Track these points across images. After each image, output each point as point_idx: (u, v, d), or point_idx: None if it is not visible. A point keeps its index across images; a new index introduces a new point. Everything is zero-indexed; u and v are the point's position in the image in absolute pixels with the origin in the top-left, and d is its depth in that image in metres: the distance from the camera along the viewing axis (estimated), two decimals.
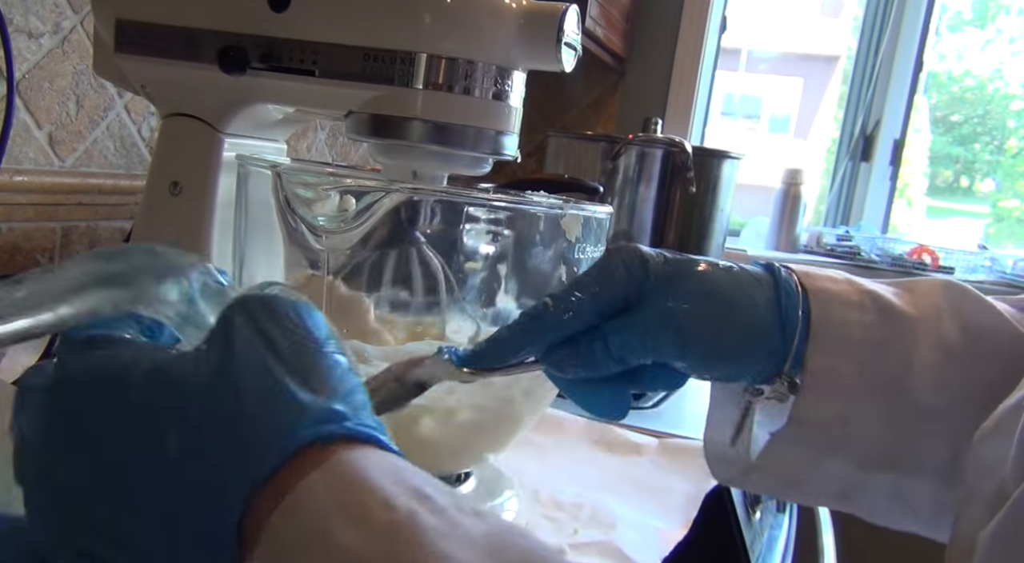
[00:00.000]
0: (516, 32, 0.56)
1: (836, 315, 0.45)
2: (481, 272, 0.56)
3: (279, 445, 0.25)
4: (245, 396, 0.26)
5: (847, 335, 0.44)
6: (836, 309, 0.45)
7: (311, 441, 0.26)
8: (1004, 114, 2.80)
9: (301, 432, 0.25)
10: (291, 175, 0.51)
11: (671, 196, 1.21)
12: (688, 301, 0.42)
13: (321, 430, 0.26)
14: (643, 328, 0.42)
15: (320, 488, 0.25)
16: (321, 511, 0.24)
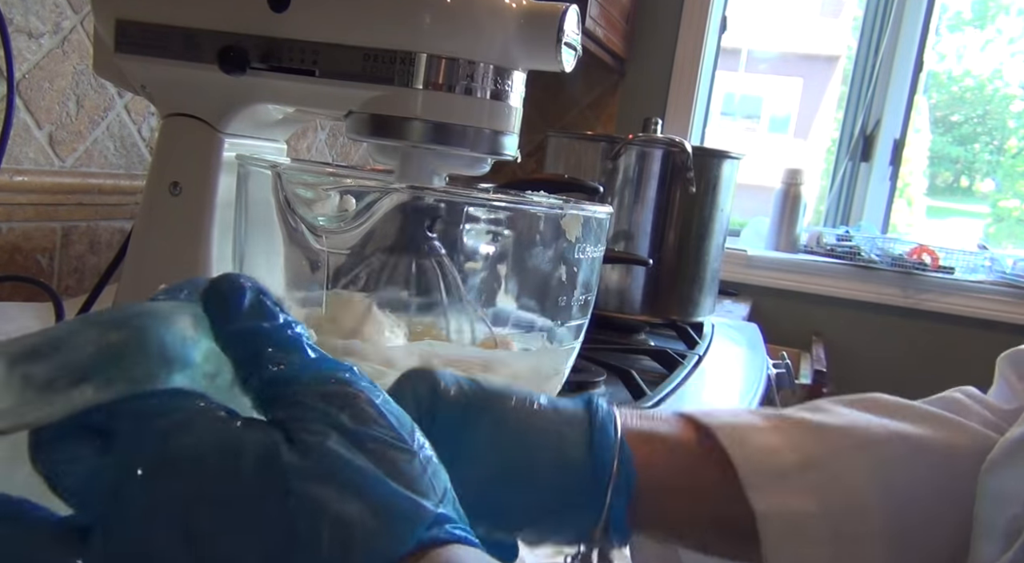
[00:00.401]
0: (516, 32, 0.56)
1: (755, 441, 0.40)
2: (481, 272, 0.56)
3: (387, 551, 0.25)
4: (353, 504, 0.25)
5: (778, 459, 0.40)
6: (752, 436, 0.40)
7: (421, 545, 0.26)
8: (1004, 114, 2.80)
9: (404, 538, 0.25)
10: (291, 175, 0.51)
11: (671, 196, 1.21)
12: (473, 451, 0.36)
13: (431, 535, 0.26)
14: None
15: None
16: None
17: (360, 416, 0.27)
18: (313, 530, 0.25)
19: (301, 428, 0.26)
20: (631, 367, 0.94)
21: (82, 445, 0.27)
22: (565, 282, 0.56)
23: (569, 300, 0.57)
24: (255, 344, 0.28)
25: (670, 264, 1.23)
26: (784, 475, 0.39)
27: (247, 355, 0.28)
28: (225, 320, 0.29)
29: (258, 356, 0.28)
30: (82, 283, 0.96)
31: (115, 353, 0.26)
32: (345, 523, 0.25)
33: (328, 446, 0.26)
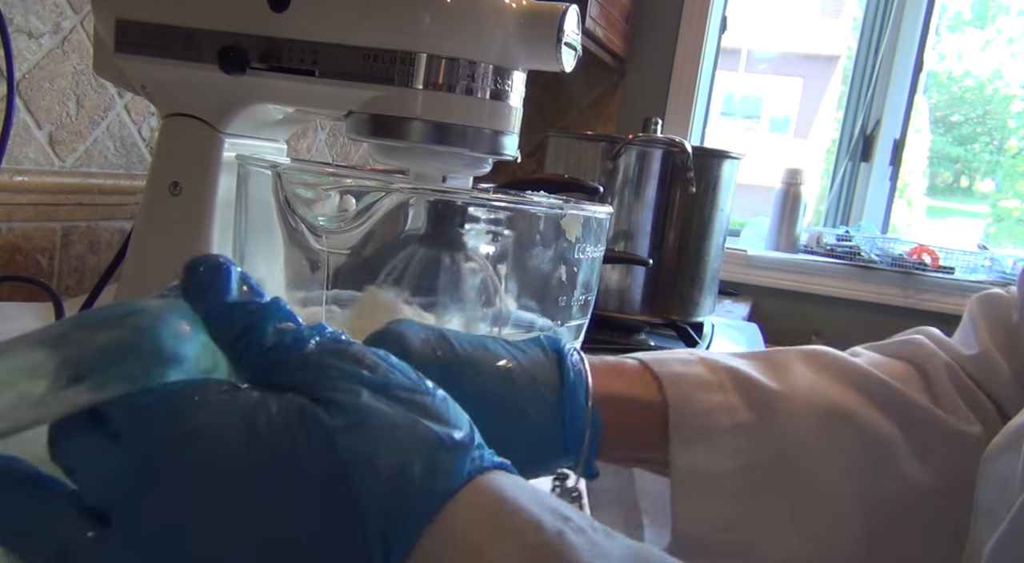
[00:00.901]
0: (516, 32, 0.56)
1: (696, 399, 0.42)
2: (481, 272, 0.56)
3: (444, 486, 0.25)
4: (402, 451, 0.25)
5: (713, 423, 0.42)
6: (695, 393, 0.42)
7: (469, 476, 0.26)
8: (1004, 114, 2.80)
9: (458, 472, 0.26)
10: (291, 175, 0.51)
11: (671, 196, 1.21)
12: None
13: (474, 465, 0.26)
14: None
15: (468, 510, 0.25)
16: (473, 529, 0.25)
17: (377, 369, 0.28)
18: (370, 483, 0.25)
19: (327, 387, 0.26)
20: None
21: (94, 437, 0.27)
22: (565, 282, 0.56)
23: (569, 300, 0.57)
24: (248, 318, 0.28)
25: (670, 264, 1.23)
26: (712, 436, 0.41)
27: (242, 329, 0.28)
28: (215, 293, 0.28)
29: (252, 329, 0.28)
30: (82, 283, 0.96)
31: (110, 353, 0.26)
32: (400, 471, 0.25)
33: (363, 400, 0.26)
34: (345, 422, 0.25)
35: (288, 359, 0.27)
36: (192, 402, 0.26)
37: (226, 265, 0.29)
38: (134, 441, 0.26)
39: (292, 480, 0.25)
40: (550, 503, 0.26)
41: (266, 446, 0.25)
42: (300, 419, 0.25)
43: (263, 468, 0.25)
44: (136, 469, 0.25)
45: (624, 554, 0.25)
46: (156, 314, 0.27)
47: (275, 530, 0.24)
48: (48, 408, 0.25)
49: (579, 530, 0.25)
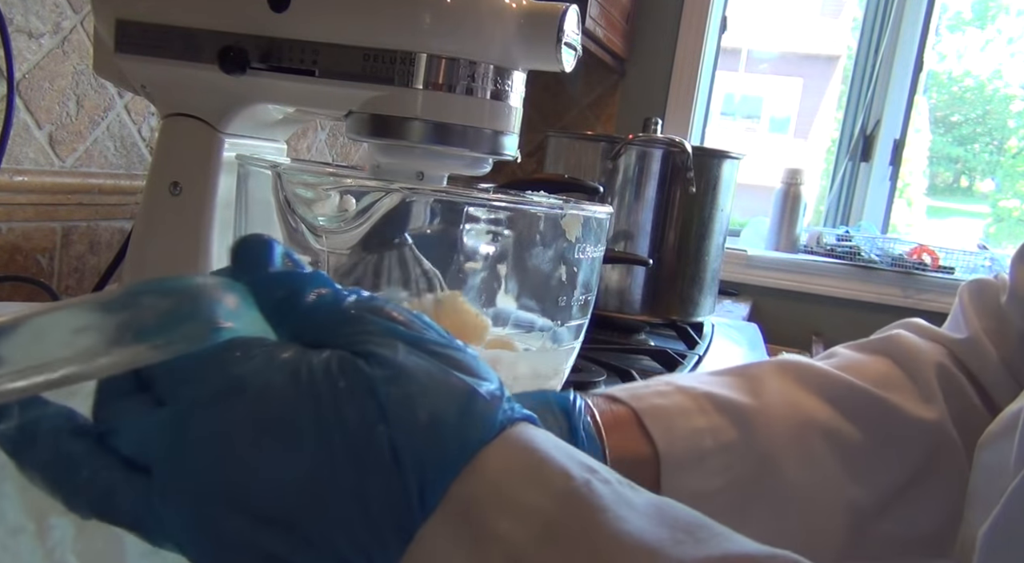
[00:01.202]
0: (516, 32, 0.56)
1: (680, 427, 0.43)
2: (481, 272, 0.56)
3: (478, 435, 0.26)
4: (440, 401, 0.26)
5: (700, 446, 0.43)
6: (677, 421, 0.44)
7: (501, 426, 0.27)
8: (1004, 114, 2.81)
9: (492, 421, 0.27)
10: (291, 175, 0.51)
11: (671, 196, 1.21)
12: None
13: (506, 416, 0.27)
14: None
15: (500, 457, 0.26)
16: (504, 476, 0.26)
17: (412, 325, 0.29)
18: (409, 430, 0.26)
19: (366, 341, 0.27)
20: (631, 367, 0.94)
21: (139, 401, 0.28)
22: (565, 282, 0.56)
23: (569, 300, 0.57)
24: (291, 285, 0.29)
25: (670, 264, 1.23)
26: (701, 459, 0.43)
27: (285, 295, 0.29)
28: (260, 266, 0.30)
29: (296, 294, 0.29)
30: (82, 283, 0.96)
31: (167, 318, 0.27)
32: (439, 420, 0.26)
33: (400, 352, 0.27)
34: (385, 373, 0.26)
35: (327, 317, 0.29)
36: (234, 357, 0.27)
37: (270, 242, 0.30)
38: (178, 398, 0.27)
39: (335, 427, 0.25)
40: (577, 456, 0.27)
41: (309, 395, 0.26)
42: (341, 369, 0.26)
43: (306, 416, 0.26)
44: (179, 424, 0.26)
45: (647, 504, 0.26)
46: (209, 287, 0.28)
47: (317, 477, 0.25)
48: (105, 363, 0.26)
49: (605, 481, 0.26)
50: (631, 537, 0.24)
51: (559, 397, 0.42)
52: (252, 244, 0.30)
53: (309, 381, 0.26)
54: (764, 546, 0.25)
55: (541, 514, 0.25)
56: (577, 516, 0.25)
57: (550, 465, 0.26)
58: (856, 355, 0.52)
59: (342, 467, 0.25)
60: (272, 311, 0.29)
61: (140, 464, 0.27)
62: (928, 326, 0.55)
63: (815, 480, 0.44)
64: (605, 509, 0.25)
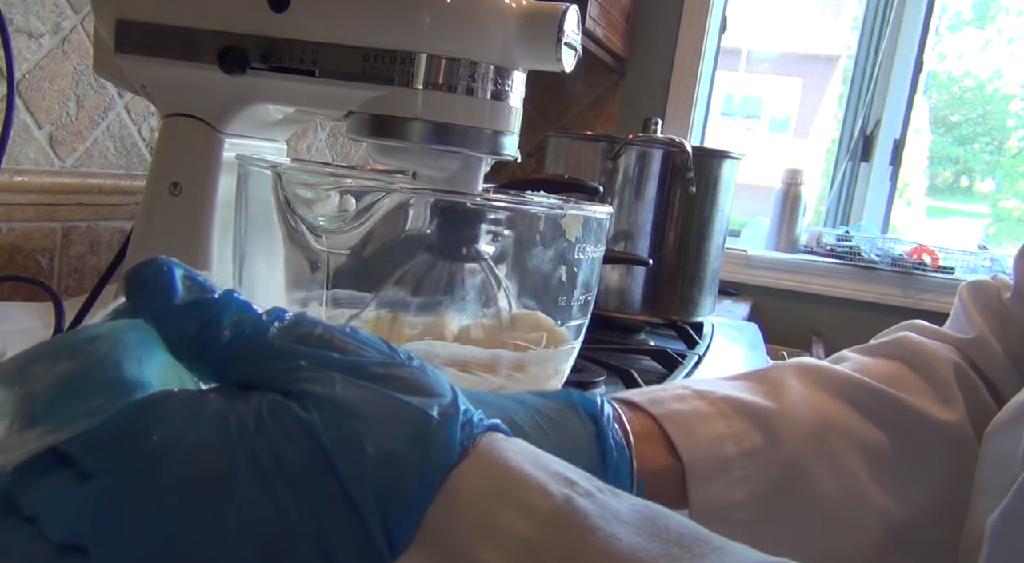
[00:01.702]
0: (516, 32, 0.56)
1: (701, 434, 0.41)
2: (481, 272, 0.56)
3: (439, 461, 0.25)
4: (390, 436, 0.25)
5: (722, 454, 0.41)
6: (698, 428, 0.42)
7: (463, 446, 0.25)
8: (1004, 114, 2.80)
9: (451, 441, 0.25)
10: (291, 175, 0.51)
11: (671, 196, 1.21)
12: None
13: (467, 433, 0.26)
14: None
15: (472, 479, 0.25)
16: (478, 501, 0.24)
17: (346, 349, 0.26)
18: (360, 471, 0.24)
19: (298, 379, 0.25)
20: (631, 367, 0.94)
21: (62, 477, 0.25)
22: (565, 282, 0.56)
23: (569, 300, 0.57)
24: (202, 316, 0.26)
25: (670, 264, 1.23)
26: (725, 468, 0.41)
27: (196, 329, 0.26)
28: (162, 298, 0.27)
29: (209, 326, 0.26)
30: (82, 283, 0.96)
31: (69, 388, 0.25)
32: (391, 453, 0.24)
33: (338, 387, 0.25)
34: (322, 415, 0.24)
35: (250, 351, 0.26)
36: (152, 418, 0.25)
37: (167, 266, 0.27)
38: (101, 473, 0.24)
39: (279, 480, 0.24)
40: (552, 466, 0.26)
41: (242, 447, 0.24)
42: (274, 417, 0.24)
43: (245, 472, 0.24)
44: (107, 501, 0.24)
45: (633, 514, 0.25)
46: (113, 339, 0.26)
47: (269, 532, 0.24)
48: (10, 451, 0.24)
49: (587, 493, 0.25)
50: (623, 558, 0.23)
51: (586, 400, 0.40)
52: (147, 273, 0.27)
53: (240, 432, 0.24)
54: (764, 556, 0.24)
55: (524, 539, 0.24)
56: (564, 539, 0.24)
57: (527, 483, 0.25)
58: (866, 359, 0.51)
59: (297, 521, 0.24)
60: (185, 348, 0.27)
61: (74, 544, 0.25)
62: (932, 327, 0.54)
63: (843, 487, 0.43)
64: (593, 529, 0.24)
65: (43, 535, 0.25)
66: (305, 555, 0.24)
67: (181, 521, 0.24)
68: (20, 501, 0.26)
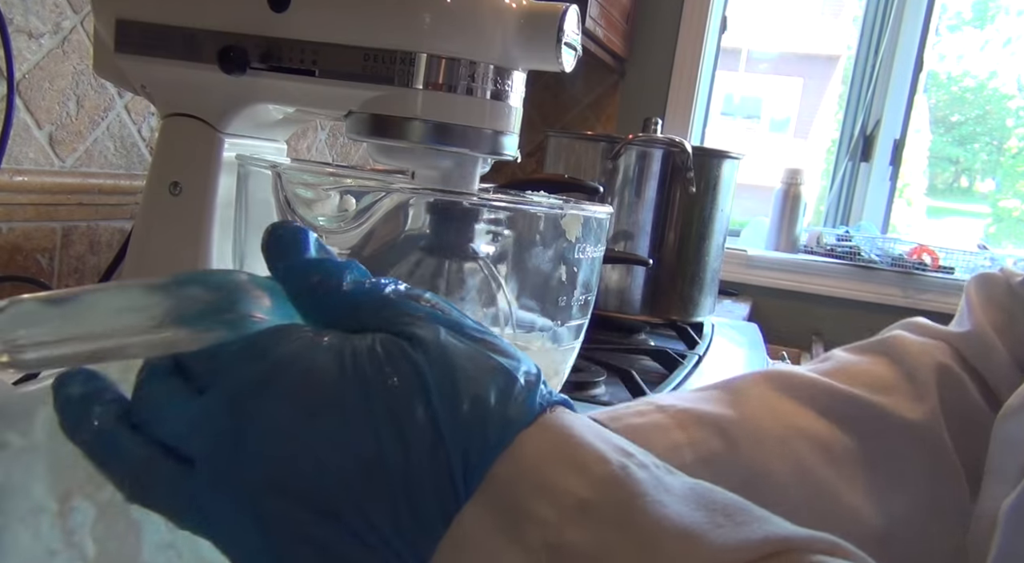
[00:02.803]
0: (516, 32, 0.56)
1: (657, 443, 0.43)
2: (481, 272, 0.56)
3: (518, 417, 0.26)
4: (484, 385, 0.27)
5: (677, 460, 0.42)
6: (654, 437, 0.43)
7: (541, 408, 0.27)
8: (1004, 114, 2.80)
9: (531, 404, 0.27)
10: (291, 175, 0.51)
11: (671, 196, 1.21)
12: None
13: (544, 399, 0.28)
14: None
15: (537, 441, 0.26)
16: (542, 461, 0.26)
17: (449, 312, 0.29)
18: (454, 412, 0.26)
19: (407, 323, 0.27)
20: (631, 367, 0.94)
21: (180, 388, 0.28)
22: (565, 282, 0.56)
23: (569, 300, 0.57)
24: (326, 270, 0.29)
25: (670, 264, 1.23)
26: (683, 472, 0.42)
27: (320, 279, 0.29)
28: (295, 252, 0.30)
29: (332, 277, 0.29)
30: (82, 283, 0.96)
31: (212, 306, 0.27)
32: (482, 403, 0.26)
33: (443, 336, 0.27)
34: (428, 355, 0.26)
35: (365, 301, 0.29)
36: (276, 341, 0.27)
37: (303, 230, 0.30)
38: (221, 384, 0.27)
39: (382, 408, 0.26)
40: (614, 440, 0.27)
41: (355, 376, 0.26)
42: (386, 351, 0.26)
43: (353, 397, 0.26)
44: (223, 410, 0.26)
45: (685, 488, 0.26)
46: (247, 283, 0.29)
47: (364, 456, 0.25)
48: (147, 341, 0.27)
49: (642, 465, 0.26)
50: (669, 521, 0.24)
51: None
52: (286, 229, 0.30)
53: (354, 363, 0.26)
54: (804, 529, 0.25)
55: (579, 498, 0.25)
56: (615, 500, 0.25)
57: (587, 449, 0.26)
58: (851, 357, 0.52)
59: (389, 449, 0.25)
60: (307, 295, 0.29)
61: (182, 454, 0.27)
62: (930, 324, 0.54)
63: (808, 489, 0.43)
64: (643, 494, 0.25)
65: (151, 440, 0.27)
66: (391, 485, 0.25)
67: (288, 440, 0.26)
68: (137, 406, 0.28)
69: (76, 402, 0.28)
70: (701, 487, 0.27)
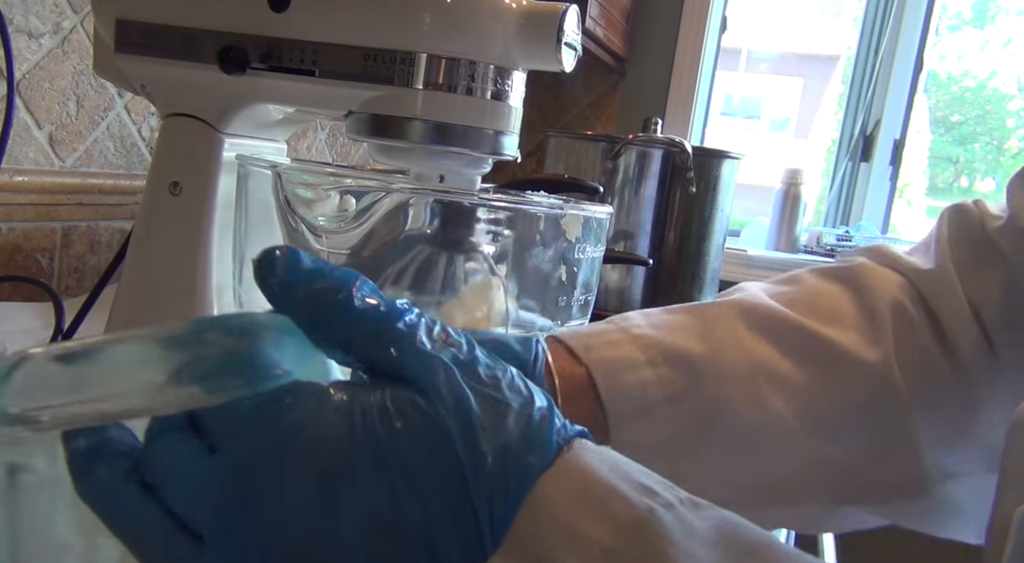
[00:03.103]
0: (516, 32, 0.56)
1: (627, 381, 0.43)
2: (481, 272, 0.56)
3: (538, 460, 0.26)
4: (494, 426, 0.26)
5: (647, 399, 0.43)
6: (625, 376, 0.44)
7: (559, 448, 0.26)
8: (1003, 114, 2.80)
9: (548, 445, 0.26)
10: (291, 175, 0.51)
11: (671, 196, 1.21)
12: None
13: (561, 436, 0.27)
14: None
15: (558, 486, 0.25)
16: (564, 507, 0.25)
17: (460, 348, 0.28)
18: (479, 465, 0.25)
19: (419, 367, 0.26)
20: None
21: (187, 447, 0.27)
22: (565, 282, 0.56)
23: (569, 300, 0.57)
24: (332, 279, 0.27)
25: (670, 264, 1.23)
26: (648, 412, 0.43)
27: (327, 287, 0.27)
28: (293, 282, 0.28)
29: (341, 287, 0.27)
30: (82, 283, 0.96)
31: (226, 362, 0.26)
32: (503, 450, 0.25)
33: (457, 382, 0.26)
34: (445, 408, 0.26)
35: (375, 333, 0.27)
36: (285, 403, 0.26)
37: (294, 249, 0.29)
38: (231, 450, 0.26)
39: (397, 469, 0.25)
40: (635, 476, 0.26)
41: (368, 439, 0.25)
42: (398, 409, 0.25)
43: (366, 461, 0.25)
44: (233, 478, 0.25)
45: (710, 530, 0.25)
46: (265, 327, 0.27)
47: (382, 520, 0.24)
48: (160, 400, 0.26)
49: (667, 505, 0.26)
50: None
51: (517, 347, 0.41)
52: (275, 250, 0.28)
53: (364, 422, 0.25)
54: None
55: (604, 547, 0.24)
56: (644, 551, 0.24)
57: (610, 493, 0.25)
58: (816, 282, 0.52)
59: (410, 510, 0.24)
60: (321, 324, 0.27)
61: (190, 520, 0.26)
62: (895, 253, 0.54)
63: (765, 424, 0.45)
64: (673, 543, 0.24)
65: (159, 505, 0.26)
66: (413, 545, 0.24)
67: (298, 505, 0.25)
68: (145, 465, 0.27)
69: (82, 456, 0.27)
70: (728, 524, 0.26)
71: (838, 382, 0.47)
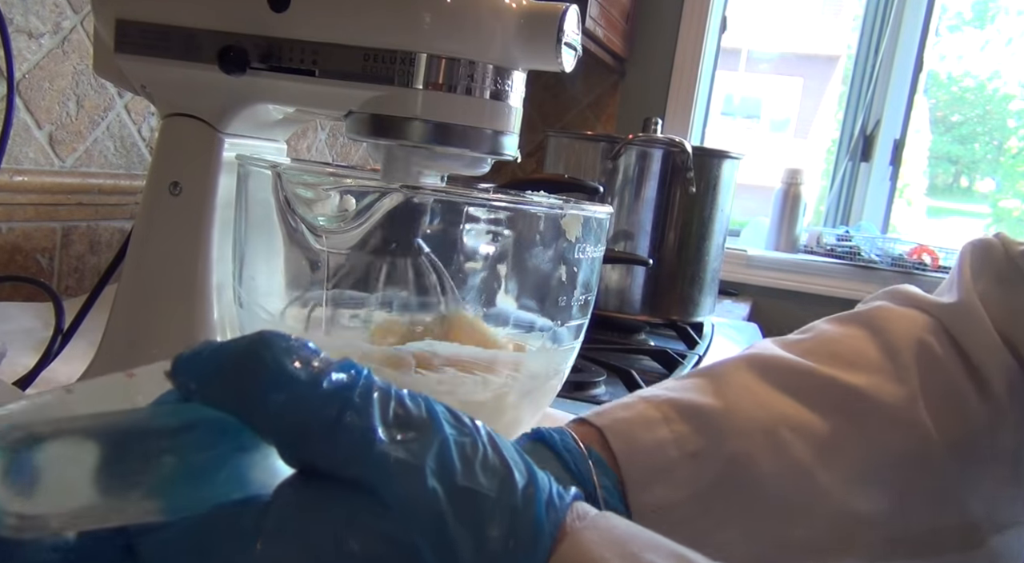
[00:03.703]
0: (516, 32, 0.56)
1: (642, 440, 0.42)
2: (481, 272, 0.56)
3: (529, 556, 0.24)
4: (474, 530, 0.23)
5: (664, 458, 0.41)
6: (640, 434, 0.42)
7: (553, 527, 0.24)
8: (1004, 114, 2.80)
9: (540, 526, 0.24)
10: (291, 175, 0.51)
11: (671, 196, 1.21)
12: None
13: (554, 515, 0.25)
14: None
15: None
16: None
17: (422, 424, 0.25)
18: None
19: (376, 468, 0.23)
20: (631, 367, 0.94)
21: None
22: (565, 282, 0.56)
23: (569, 300, 0.57)
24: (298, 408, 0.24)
25: (670, 264, 1.23)
26: (667, 471, 0.41)
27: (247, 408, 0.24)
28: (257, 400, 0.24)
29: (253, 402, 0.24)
30: (82, 283, 0.96)
31: (163, 473, 0.23)
32: (481, 547, 0.23)
33: (421, 483, 0.23)
34: (412, 521, 0.23)
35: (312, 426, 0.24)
36: (229, 535, 0.23)
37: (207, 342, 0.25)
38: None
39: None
40: (642, 554, 0.25)
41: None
42: (359, 530, 0.23)
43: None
44: None
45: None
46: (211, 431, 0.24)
47: None
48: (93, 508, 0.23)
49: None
50: None
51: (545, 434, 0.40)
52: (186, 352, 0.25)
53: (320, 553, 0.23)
54: None
55: None
56: None
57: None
58: (832, 329, 0.50)
59: None
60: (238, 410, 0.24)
61: None
62: (915, 292, 0.52)
63: (790, 477, 0.42)
64: None
65: None
66: None
67: None
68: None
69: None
70: None
71: (863, 427, 0.45)
